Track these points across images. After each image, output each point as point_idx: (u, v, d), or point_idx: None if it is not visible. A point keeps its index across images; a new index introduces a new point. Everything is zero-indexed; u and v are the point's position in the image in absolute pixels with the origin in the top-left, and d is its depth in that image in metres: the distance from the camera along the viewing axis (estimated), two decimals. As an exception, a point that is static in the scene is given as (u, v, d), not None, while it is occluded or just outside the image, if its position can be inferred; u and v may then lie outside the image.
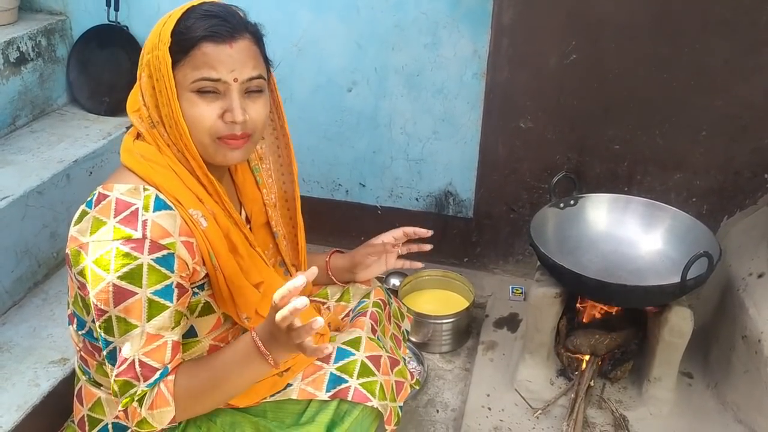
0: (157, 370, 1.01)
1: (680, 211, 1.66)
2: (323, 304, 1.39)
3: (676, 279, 1.40)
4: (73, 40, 2.19)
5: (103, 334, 1.01)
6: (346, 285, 1.43)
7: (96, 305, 0.99)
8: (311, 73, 2.07)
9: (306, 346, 0.94)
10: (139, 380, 1.00)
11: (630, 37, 1.73)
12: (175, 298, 1.01)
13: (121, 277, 0.97)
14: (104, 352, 1.02)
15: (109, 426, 1.16)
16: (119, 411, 1.03)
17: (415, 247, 1.40)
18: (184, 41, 1.02)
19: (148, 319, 0.99)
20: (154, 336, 1.00)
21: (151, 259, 0.98)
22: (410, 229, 1.37)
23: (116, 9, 2.10)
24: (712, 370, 1.72)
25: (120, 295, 0.97)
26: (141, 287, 0.97)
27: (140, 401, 1.00)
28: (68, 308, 1.15)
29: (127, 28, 2.13)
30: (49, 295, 1.79)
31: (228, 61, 1.03)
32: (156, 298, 0.99)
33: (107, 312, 0.98)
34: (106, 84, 2.15)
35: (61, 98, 2.21)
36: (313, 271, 0.94)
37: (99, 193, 1.03)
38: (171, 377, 1.03)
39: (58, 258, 1.86)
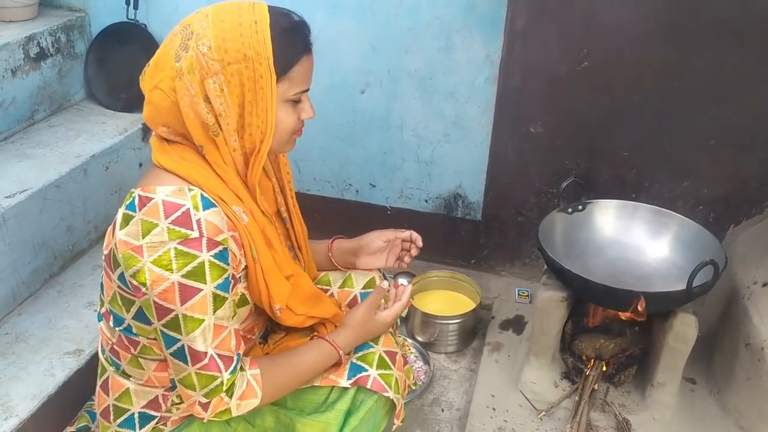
0: (232, 357, 1.06)
1: (687, 219, 1.68)
2: (326, 291, 1.41)
3: (682, 286, 1.42)
4: (91, 37, 2.22)
5: (168, 331, 1.03)
6: (346, 270, 1.44)
7: (159, 304, 1.00)
8: (325, 74, 2.09)
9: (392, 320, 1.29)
10: (221, 371, 1.05)
11: (641, 46, 1.75)
12: (230, 288, 1.05)
13: (185, 276, 0.99)
14: (169, 351, 1.04)
15: (135, 415, 1.19)
16: (195, 403, 1.06)
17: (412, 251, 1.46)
18: (287, 57, 1.05)
19: (214, 312, 1.03)
20: (219, 327, 1.04)
21: (211, 256, 1.01)
22: (408, 234, 1.43)
23: (135, 7, 2.14)
24: (715, 377, 1.73)
25: (186, 293, 1.00)
26: (206, 283, 1.01)
27: (228, 392, 1.06)
28: (101, 307, 1.18)
29: (145, 26, 2.16)
30: (64, 287, 1.82)
31: (312, 69, 1.11)
32: (219, 292, 1.03)
33: (173, 311, 1.00)
34: (124, 81, 2.18)
35: (78, 94, 2.24)
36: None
37: (140, 196, 1.03)
38: (256, 371, 1.11)
39: (73, 251, 1.89)
